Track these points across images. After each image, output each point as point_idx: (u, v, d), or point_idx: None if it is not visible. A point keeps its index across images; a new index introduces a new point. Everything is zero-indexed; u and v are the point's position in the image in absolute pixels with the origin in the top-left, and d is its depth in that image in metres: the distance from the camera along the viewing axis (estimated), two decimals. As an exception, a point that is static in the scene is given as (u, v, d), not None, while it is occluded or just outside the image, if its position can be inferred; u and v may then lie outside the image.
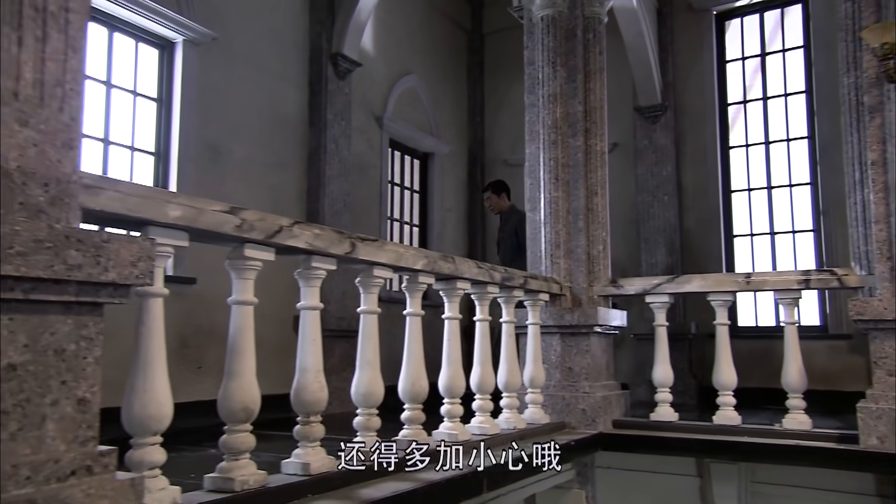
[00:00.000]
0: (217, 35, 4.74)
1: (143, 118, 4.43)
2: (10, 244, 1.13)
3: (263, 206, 5.25)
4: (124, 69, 4.31)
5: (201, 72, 4.72)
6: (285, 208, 5.60)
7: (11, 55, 1.23)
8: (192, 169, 4.69)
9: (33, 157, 1.25)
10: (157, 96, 4.51)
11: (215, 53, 4.79)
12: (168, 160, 4.54)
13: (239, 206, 1.90)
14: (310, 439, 2.14)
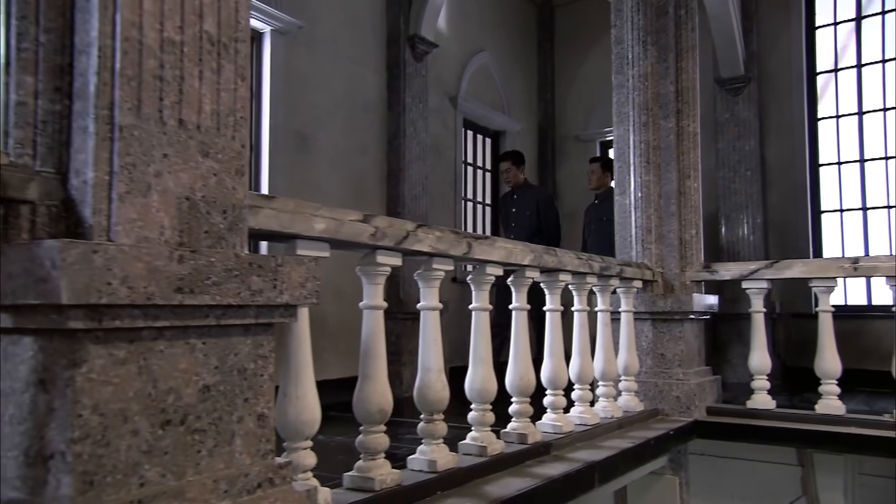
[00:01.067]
0: (302, 24, 4.79)
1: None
2: (208, 275, 1.19)
3: (348, 193, 5.42)
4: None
5: (287, 61, 4.79)
6: (368, 193, 5.68)
7: (194, 89, 1.28)
8: (281, 158, 4.79)
9: (214, 186, 1.31)
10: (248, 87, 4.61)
11: (300, 42, 4.86)
12: (259, 150, 4.66)
13: (370, 214, 1.94)
14: (434, 437, 2.19)
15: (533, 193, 5.75)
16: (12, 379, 1.13)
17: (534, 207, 5.61)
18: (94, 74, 1.14)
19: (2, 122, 1.14)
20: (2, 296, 1.06)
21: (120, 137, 1.15)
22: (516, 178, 5.75)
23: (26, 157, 1.14)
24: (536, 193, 5.78)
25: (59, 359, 1.06)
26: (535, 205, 5.62)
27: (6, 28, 1.14)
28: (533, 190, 5.89)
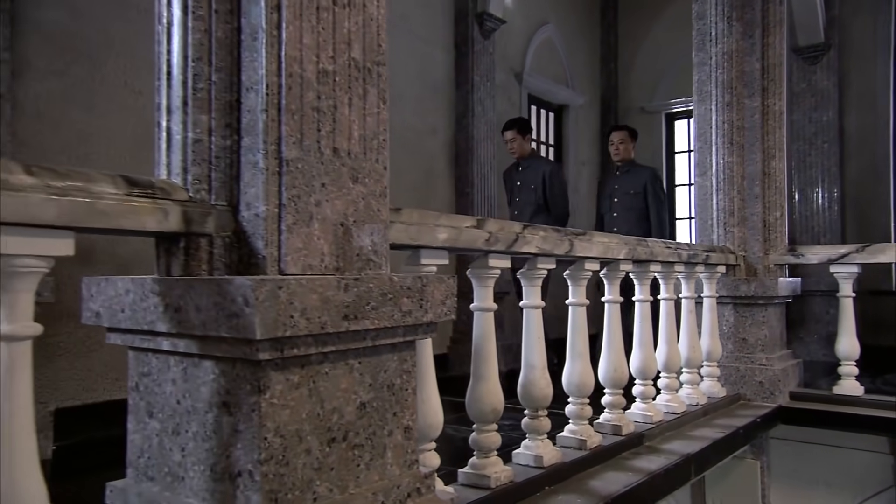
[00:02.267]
0: (375, 7, 4.80)
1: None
2: (368, 301, 1.24)
3: (420, 174, 5.46)
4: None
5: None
6: (438, 175, 5.71)
7: (345, 116, 1.32)
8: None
9: (363, 210, 1.36)
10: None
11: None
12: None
13: (482, 218, 1.97)
14: (539, 432, 2.24)
15: (540, 165, 5.21)
16: (193, 399, 1.22)
17: (540, 180, 5.07)
18: (263, 111, 1.19)
19: (181, 160, 1.20)
20: (191, 326, 1.13)
21: (287, 171, 1.20)
22: (522, 148, 5.17)
23: (203, 192, 1.20)
24: (543, 165, 5.24)
25: (243, 384, 1.14)
26: (541, 178, 5.07)
27: (182, 70, 1.20)
28: (540, 161, 5.34)
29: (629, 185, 5.18)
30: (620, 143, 5.27)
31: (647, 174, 5.25)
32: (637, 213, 5.14)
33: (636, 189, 5.17)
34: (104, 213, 1.04)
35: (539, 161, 5.34)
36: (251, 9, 1.20)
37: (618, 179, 5.30)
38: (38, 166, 1.00)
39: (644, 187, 5.15)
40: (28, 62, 2.86)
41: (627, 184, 5.19)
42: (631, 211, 5.13)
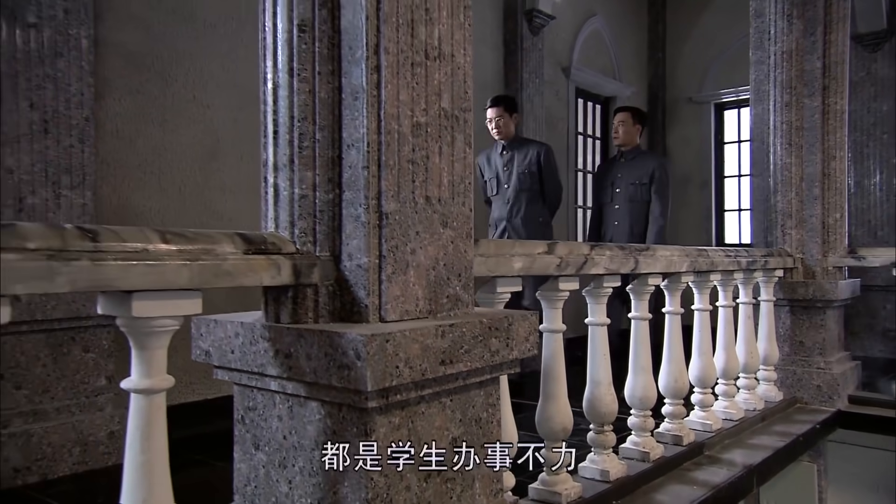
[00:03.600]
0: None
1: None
2: (461, 345, 1.30)
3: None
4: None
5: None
6: (487, 172, 5.74)
7: (435, 165, 1.37)
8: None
9: (451, 253, 1.42)
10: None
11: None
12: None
13: (552, 242, 2.01)
14: (605, 447, 2.29)
15: (530, 147, 4.59)
16: (299, 436, 1.30)
17: (534, 164, 4.49)
18: (364, 168, 1.25)
19: (288, 215, 1.27)
20: (301, 372, 1.21)
21: (386, 224, 1.27)
22: (508, 129, 4.53)
23: (308, 244, 1.27)
24: (534, 146, 4.60)
25: (349, 427, 1.21)
26: (535, 161, 4.50)
27: (289, 130, 1.26)
28: (530, 143, 4.69)
29: (633, 174, 4.72)
30: (621, 124, 4.73)
31: (654, 163, 4.80)
32: (641, 205, 4.71)
33: (641, 179, 4.70)
34: (228, 273, 1.12)
35: (528, 142, 4.70)
36: (352, 70, 1.26)
37: (621, 167, 4.81)
38: (171, 232, 1.08)
39: (650, 177, 4.68)
40: (108, 83, 2.98)
41: (631, 172, 4.73)
42: (634, 203, 4.71)
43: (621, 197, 4.75)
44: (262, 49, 1.31)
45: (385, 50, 1.26)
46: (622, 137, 4.75)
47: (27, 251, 0.90)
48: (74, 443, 2.59)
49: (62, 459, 2.56)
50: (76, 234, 0.96)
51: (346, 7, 1.27)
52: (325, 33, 1.27)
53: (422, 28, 1.34)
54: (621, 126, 4.74)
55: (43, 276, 0.90)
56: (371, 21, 1.25)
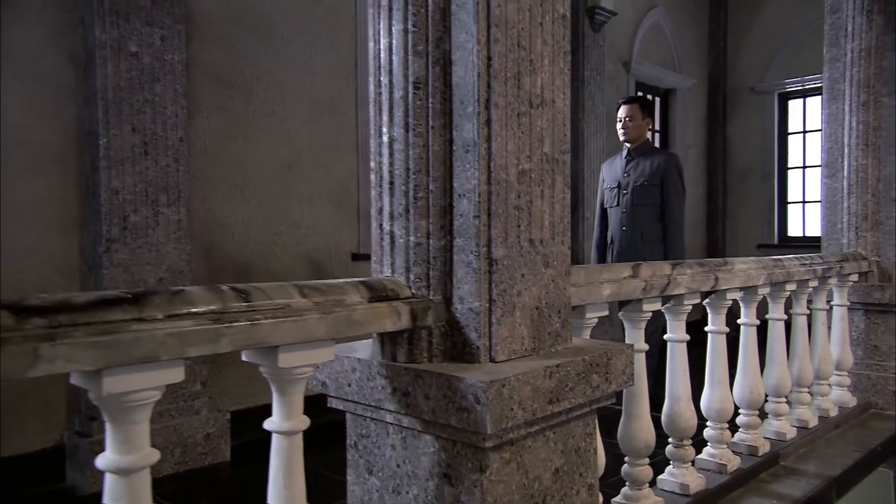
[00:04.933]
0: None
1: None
2: (566, 383, 1.36)
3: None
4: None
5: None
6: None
7: (538, 208, 1.43)
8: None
9: (552, 291, 1.47)
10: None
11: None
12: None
13: (636, 264, 2.04)
14: (684, 460, 2.32)
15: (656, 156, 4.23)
16: (413, 465, 1.38)
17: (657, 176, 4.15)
18: (475, 217, 1.31)
19: (404, 261, 1.35)
20: (419, 410, 1.29)
21: (496, 269, 1.33)
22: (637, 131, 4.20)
23: (423, 289, 1.35)
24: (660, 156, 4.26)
25: (464, 462, 1.29)
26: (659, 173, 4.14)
27: (404, 181, 1.34)
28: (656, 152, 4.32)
29: (641, 174, 4.16)
30: (629, 119, 4.16)
31: (665, 160, 4.22)
32: (651, 210, 4.16)
33: (651, 180, 4.14)
34: (358, 322, 1.20)
35: (656, 152, 4.28)
36: (463, 123, 1.32)
37: (630, 166, 4.23)
38: (307, 287, 1.17)
39: (662, 177, 4.14)
40: (197, 102, 3.12)
41: (639, 172, 4.18)
42: (644, 207, 4.16)
43: (630, 200, 4.19)
44: (378, 105, 1.38)
45: (495, 104, 1.32)
46: (630, 133, 4.17)
47: (197, 315, 0.99)
48: (175, 444, 2.76)
49: (165, 460, 2.74)
50: (232, 296, 1.06)
51: (458, 64, 1.33)
52: (438, 89, 1.33)
53: (527, 79, 1.38)
54: (629, 121, 4.18)
55: (211, 340, 1.00)
56: (482, 77, 1.30)
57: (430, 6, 1.32)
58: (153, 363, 0.95)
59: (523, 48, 1.38)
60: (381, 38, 1.36)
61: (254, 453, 3.16)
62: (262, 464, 1.26)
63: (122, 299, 0.94)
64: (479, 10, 1.30)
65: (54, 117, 2.68)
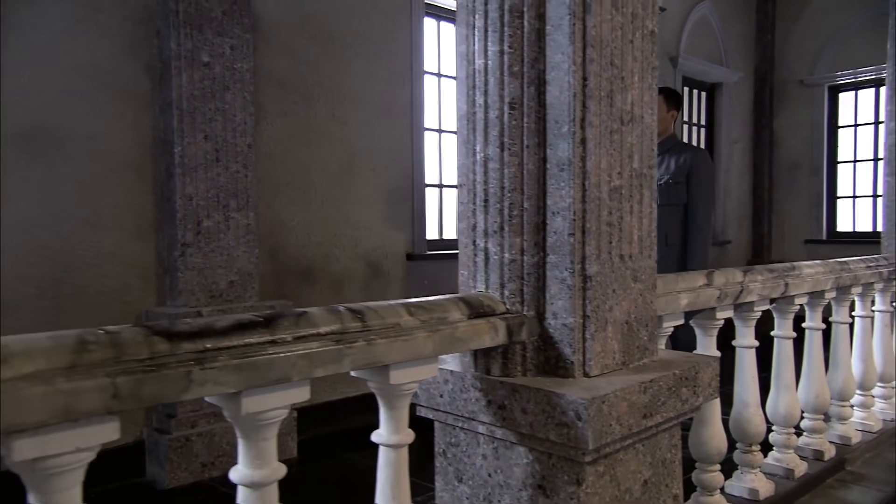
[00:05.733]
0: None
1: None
2: (659, 398, 1.37)
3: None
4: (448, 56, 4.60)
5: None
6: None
7: (627, 223, 1.43)
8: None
9: (640, 305, 1.48)
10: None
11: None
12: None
13: (710, 272, 2.02)
14: (753, 466, 2.30)
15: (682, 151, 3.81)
16: (506, 475, 1.41)
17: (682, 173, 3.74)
18: (570, 235, 1.33)
19: (498, 277, 1.37)
20: (516, 424, 1.31)
21: (590, 286, 1.34)
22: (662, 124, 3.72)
23: (517, 304, 1.37)
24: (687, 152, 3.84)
25: (560, 474, 1.31)
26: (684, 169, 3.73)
27: (499, 200, 1.36)
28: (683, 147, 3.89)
29: (666, 171, 3.75)
30: None
31: (692, 156, 3.80)
32: (677, 210, 3.72)
33: (676, 177, 3.72)
34: (460, 339, 1.23)
35: (684, 147, 3.83)
36: (558, 143, 1.33)
37: None
38: (413, 305, 1.20)
39: (687, 174, 3.73)
40: (262, 108, 3.19)
41: (664, 169, 3.76)
42: (668, 207, 3.66)
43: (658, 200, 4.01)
44: (472, 124, 1.40)
45: (590, 123, 1.32)
46: None
47: (321, 337, 1.03)
48: (247, 441, 2.83)
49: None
50: (349, 316, 1.09)
51: (552, 84, 1.34)
52: (533, 109, 1.35)
53: (618, 96, 1.39)
54: None
55: (335, 360, 1.03)
56: (578, 97, 1.31)
57: (526, 28, 1.34)
58: (285, 384, 0.99)
59: (616, 66, 1.38)
60: (477, 59, 1.37)
61: (319, 449, 3.24)
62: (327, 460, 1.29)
63: (256, 323, 0.98)
64: (574, 31, 1.30)
65: (132, 126, 2.76)
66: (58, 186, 2.56)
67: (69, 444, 0.79)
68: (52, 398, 0.76)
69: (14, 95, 2.46)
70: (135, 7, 2.75)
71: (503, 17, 1.34)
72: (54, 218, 2.56)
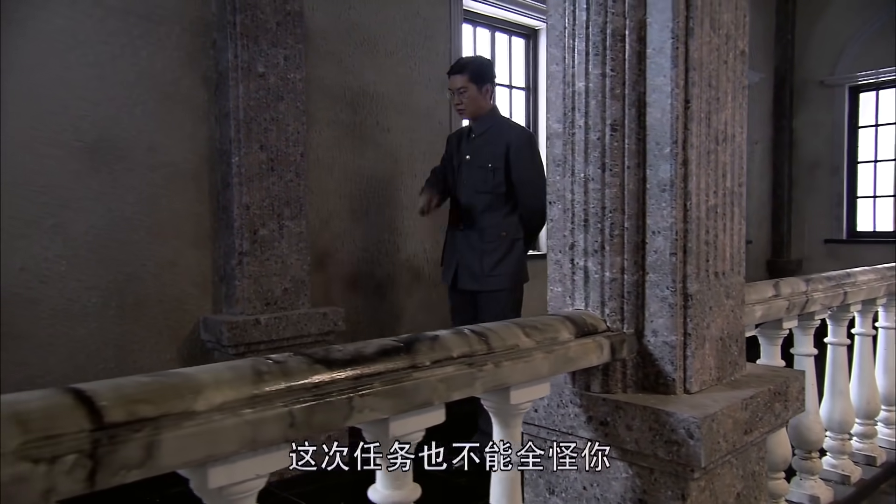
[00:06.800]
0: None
1: (517, 108, 4.77)
2: (756, 413, 1.38)
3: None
4: (502, 64, 4.63)
5: (558, 54, 4.89)
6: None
7: (721, 241, 1.45)
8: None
9: (732, 321, 1.49)
10: (525, 85, 4.79)
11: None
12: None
13: (776, 282, 2.03)
14: (813, 473, 2.32)
15: (503, 131, 3.07)
16: (602, 489, 1.43)
17: (501, 156, 3.02)
18: (671, 254, 1.34)
19: (599, 295, 1.39)
20: (620, 440, 1.33)
21: (691, 304, 1.36)
22: (476, 104, 3.05)
23: (617, 322, 1.39)
24: (507, 131, 3.08)
25: (664, 489, 1.33)
26: (502, 151, 3.02)
27: (600, 220, 1.37)
28: (503, 126, 3.11)
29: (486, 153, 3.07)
30: (460, 92, 3.05)
31: None
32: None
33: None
34: (572, 359, 1.25)
35: (503, 126, 3.10)
36: (659, 164, 1.35)
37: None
38: (528, 326, 1.22)
39: None
40: (311, 117, 3.21)
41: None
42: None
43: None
44: (570, 145, 1.41)
45: (691, 144, 1.34)
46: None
47: (455, 361, 1.05)
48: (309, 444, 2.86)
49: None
50: (475, 339, 1.11)
51: (653, 106, 1.35)
52: (633, 131, 1.36)
53: (714, 116, 1.40)
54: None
55: (468, 384, 1.06)
56: (680, 119, 1.33)
57: (628, 51, 1.35)
58: (428, 407, 1.01)
59: (713, 87, 1.39)
60: (577, 82, 1.39)
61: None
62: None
63: (398, 348, 1.00)
64: (677, 55, 1.32)
65: (190, 137, 2.79)
66: (122, 197, 2.59)
67: (251, 471, 0.82)
68: (241, 428, 0.78)
69: (82, 109, 2.49)
70: (192, 19, 2.78)
71: (605, 40, 1.35)
72: (118, 228, 2.59)
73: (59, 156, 2.44)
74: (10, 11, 2.31)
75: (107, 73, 2.55)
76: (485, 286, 3.04)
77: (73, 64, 2.47)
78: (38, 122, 2.40)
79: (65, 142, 2.46)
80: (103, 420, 0.69)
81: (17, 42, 2.33)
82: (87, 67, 2.50)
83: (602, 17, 1.35)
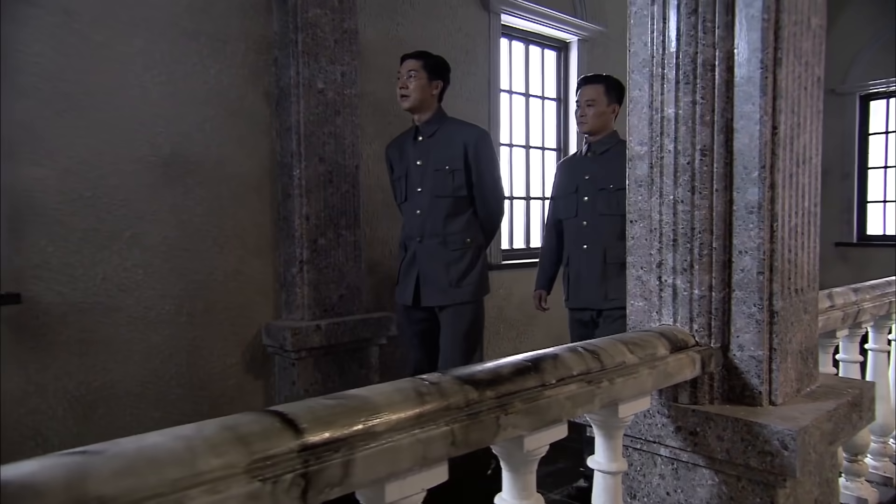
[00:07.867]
0: (604, 28, 4.85)
1: (549, 118, 4.79)
2: (839, 423, 1.40)
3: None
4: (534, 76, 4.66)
5: (587, 66, 4.90)
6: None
7: (800, 259, 1.47)
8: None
9: (808, 335, 1.51)
10: (556, 96, 4.81)
11: (599, 46, 4.93)
12: (567, 154, 4.88)
13: (830, 292, 2.05)
14: (859, 475, 2.33)
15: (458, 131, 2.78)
16: (686, 495, 1.45)
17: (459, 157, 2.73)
18: (759, 273, 1.37)
19: (688, 312, 1.41)
20: (710, 450, 1.36)
21: (776, 320, 1.38)
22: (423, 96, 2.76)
23: (705, 337, 1.41)
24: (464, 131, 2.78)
25: (751, 496, 1.35)
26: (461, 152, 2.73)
27: (689, 240, 1.40)
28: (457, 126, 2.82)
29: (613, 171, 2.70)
30: (590, 105, 2.80)
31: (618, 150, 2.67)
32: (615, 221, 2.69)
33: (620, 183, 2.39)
34: (670, 374, 1.28)
35: (455, 126, 2.80)
36: (746, 187, 1.37)
37: (590, 163, 2.87)
38: (629, 342, 1.25)
39: None
40: (363, 130, 3.25)
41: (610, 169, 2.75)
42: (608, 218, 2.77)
43: (593, 208, 2.82)
44: (658, 168, 1.44)
45: (778, 169, 1.36)
46: (591, 121, 2.81)
47: (576, 379, 1.08)
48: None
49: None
50: (589, 357, 1.14)
51: (741, 132, 1.38)
52: (721, 155, 1.39)
53: (797, 141, 1.43)
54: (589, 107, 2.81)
55: (588, 400, 1.08)
56: (768, 145, 1.35)
57: (717, 80, 1.38)
58: (557, 424, 1.04)
59: (795, 113, 1.42)
60: (667, 108, 1.41)
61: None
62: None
63: (528, 367, 1.03)
64: (766, 84, 1.34)
65: (254, 150, 2.83)
66: (192, 209, 2.63)
67: (418, 486, 0.85)
68: (415, 447, 0.81)
69: (158, 126, 2.53)
70: (255, 38, 2.82)
71: (696, 70, 1.38)
72: (189, 238, 2.63)
73: (136, 171, 2.48)
74: (93, 34, 2.36)
75: (179, 91, 2.59)
76: (453, 299, 2.65)
77: (148, 83, 2.51)
78: (120, 140, 2.45)
79: (142, 157, 2.50)
80: (307, 441, 0.72)
81: (102, 66, 2.38)
82: (161, 86, 2.54)
83: (693, 48, 1.37)
